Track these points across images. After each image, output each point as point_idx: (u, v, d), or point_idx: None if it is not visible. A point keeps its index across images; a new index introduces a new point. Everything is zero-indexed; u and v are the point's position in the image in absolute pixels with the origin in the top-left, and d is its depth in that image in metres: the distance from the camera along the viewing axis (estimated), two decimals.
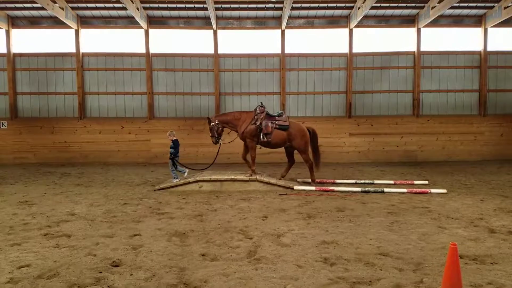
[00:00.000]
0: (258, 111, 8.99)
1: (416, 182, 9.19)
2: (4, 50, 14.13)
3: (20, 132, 14.23)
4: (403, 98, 14.56)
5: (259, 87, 14.57)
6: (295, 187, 8.43)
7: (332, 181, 9.41)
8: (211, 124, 9.12)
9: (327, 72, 14.50)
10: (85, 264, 4.06)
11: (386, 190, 8.10)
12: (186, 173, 9.20)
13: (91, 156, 14.15)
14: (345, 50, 14.36)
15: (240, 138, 9.16)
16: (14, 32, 14.19)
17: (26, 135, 14.21)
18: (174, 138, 9.08)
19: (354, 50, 14.33)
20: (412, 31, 14.31)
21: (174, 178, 8.91)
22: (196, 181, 8.50)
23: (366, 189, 8.19)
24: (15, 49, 14.24)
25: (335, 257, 4.28)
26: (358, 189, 8.23)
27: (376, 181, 9.30)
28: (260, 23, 14.37)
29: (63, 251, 4.47)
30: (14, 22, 14.11)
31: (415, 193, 7.92)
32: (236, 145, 14.10)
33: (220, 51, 14.38)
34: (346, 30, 14.28)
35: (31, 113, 14.44)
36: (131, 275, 3.79)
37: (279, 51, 14.36)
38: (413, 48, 14.33)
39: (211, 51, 14.35)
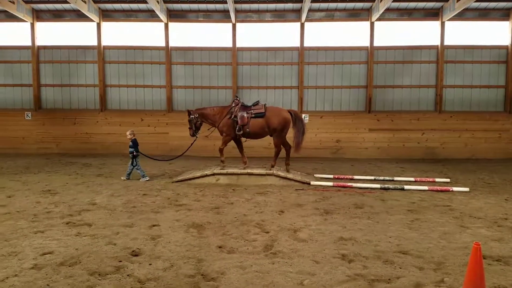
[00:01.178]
0: (234, 104, 9.03)
1: (437, 179, 8.99)
2: (29, 43, 14.47)
3: (44, 123, 14.59)
4: (425, 93, 14.23)
5: (277, 81, 14.49)
6: (312, 182, 8.37)
7: (350, 177, 9.30)
8: (190, 116, 9.23)
9: (347, 66, 14.30)
10: (106, 252, 4.14)
11: (406, 187, 7.96)
12: (147, 178, 9.03)
13: (112, 148, 14.39)
14: (366, 43, 14.11)
15: (220, 134, 9.21)
16: (39, 25, 14.51)
17: (49, 126, 14.58)
18: (134, 137, 9.16)
19: (375, 44, 14.06)
20: (436, 24, 13.93)
21: (142, 176, 8.91)
22: (213, 174, 8.56)
23: (386, 186, 8.06)
24: (39, 42, 14.57)
25: (353, 254, 4.23)
26: (377, 185, 8.11)
27: (396, 178, 9.14)
28: (280, 16, 14.25)
29: (84, 240, 4.57)
30: (38, 15, 14.42)
31: (437, 191, 7.76)
32: (253, 139, 14.07)
33: (238, 45, 14.36)
34: (367, 23, 14.02)
35: (54, 104, 14.78)
36: (150, 264, 3.85)
37: (298, 44, 14.22)
38: (436, 42, 13.95)
39: (230, 45, 14.34)
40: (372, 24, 13.94)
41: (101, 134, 14.52)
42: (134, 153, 8.96)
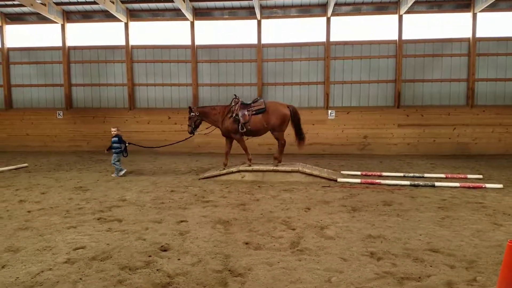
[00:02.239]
0: (233, 103, 9.00)
1: (469, 176, 8.67)
2: (60, 44, 14.99)
3: (75, 122, 15.10)
4: (456, 87, 13.75)
5: (302, 76, 14.38)
6: (339, 179, 8.26)
7: (379, 173, 9.11)
8: (191, 114, 9.27)
9: (374, 60, 14.01)
10: (136, 247, 4.24)
11: (437, 184, 7.72)
12: (123, 172, 9.31)
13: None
14: (394, 37, 13.77)
15: (223, 135, 9.22)
16: (69, 26, 15.00)
17: (79, 125, 15.07)
18: (118, 133, 9.37)
19: (404, 37, 13.71)
20: (467, 16, 13.41)
21: (119, 171, 9.20)
22: (239, 171, 8.59)
23: (416, 182, 7.85)
24: (69, 43, 15.06)
25: (382, 251, 4.14)
26: (407, 182, 7.90)
27: (426, 175, 8.88)
28: (305, 11, 14.11)
29: (115, 235, 4.69)
30: (68, 17, 14.90)
31: (468, 187, 7.48)
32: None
33: (263, 41, 14.33)
34: (396, 17, 13.67)
35: (84, 103, 15.27)
36: (178, 259, 3.91)
37: (324, 39, 14.06)
38: (468, 34, 13.45)
39: (254, 41, 14.34)
40: (400, 17, 13.58)
41: (129, 132, 14.83)
42: (119, 147, 9.22)
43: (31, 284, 3.32)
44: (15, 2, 13.53)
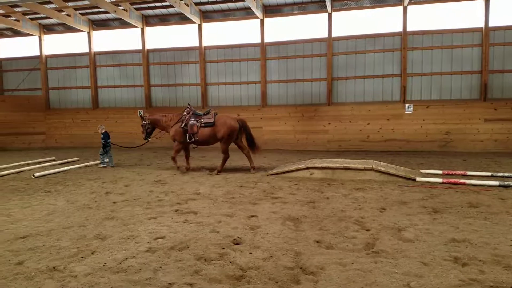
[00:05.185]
0: (185, 112, 9.31)
1: None
2: (140, 47, 16.10)
3: None
4: None
5: (376, 69, 13.75)
6: (418, 179, 7.73)
7: (463, 173, 8.37)
8: (143, 122, 9.90)
9: (457, 50, 12.90)
10: (210, 239, 4.38)
11: None
12: (104, 165, 10.54)
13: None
14: (480, 24, 12.56)
15: (172, 140, 9.54)
16: (147, 30, 16.03)
17: None
18: (104, 131, 10.54)
19: (491, 24, 12.41)
20: None
21: (101, 163, 10.51)
22: (307, 168, 8.45)
23: (506, 183, 7.06)
24: (148, 45, 16.10)
25: (467, 257, 3.79)
26: (495, 183, 7.15)
27: None
28: (379, 0, 13.45)
29: (191, 227, 4.90)
30: (147, 21, 15.94)
31: None
32: (349, 132, 13.66)
33: (334, 34, 13.97)
34: (481, 2, 12.48)
35: (162, 102, 16.24)
36: (250, 253, 3.96)
37: (400, 29, 13.29)
38: None
39: (324, 35, 14.04)
40: (486, 2, 12.33)
41: None
42: (105, 143, 10.47)
43: (116, 270, 3.59)
44: (101, 9, 14.81)
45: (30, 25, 16.37)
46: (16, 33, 17.41)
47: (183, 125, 9.23)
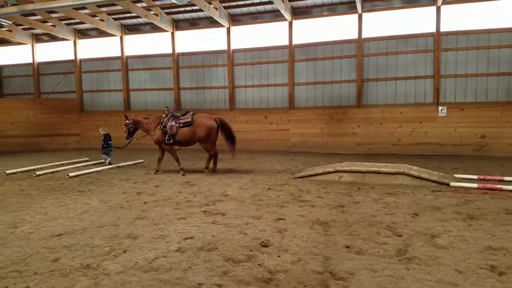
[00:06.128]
0: (164, 115, 9.59)
1: None
2: (170, 51, 16.43)
3: None
4: None
5: (408, 70, 13.40)
6: (452, 183, 7.46)
7: (500, 178, 8.01)
8: (126, 121, 10.10)
9: (494, 51, 12.38)
10: (238, 241, 4.39)
11: None
12: (107, 161, 11.21)
13: (239, 144, 15.21)
14: None
15: (155, 143, 9.85)
16: (177, 33, 16.34)
17: None
18: (106, 132, 11.29)
19: None
20: None
21: (105, 160, 11.22)
22: (336, 171, 8.32)
23: None
24: (178, 49, 16.41)
25: (505, 266, 3.62)
26: None
27: None
28: (411, 1, 13.12)
29: (219, 228, 4.94)
30: (177, 25, 16.24)
31: None
32: (379, 135, 13.38)
33: (364, 35, 13.74)
34: None
35: (191, 105, 16.47)
36: (278, 256, 3.94)
37: (433, 29, 12.90)
38: None
39: (354, 36, 13.83)
40: None
41: None
42: (105, 144, 11.19)
43: (147, 269, 3.67)
44: (133, 14, 15.23)
45: (66, 30, 17.07)
46: (53, 38, 18.19)
47: (161, 127, 9.53)
